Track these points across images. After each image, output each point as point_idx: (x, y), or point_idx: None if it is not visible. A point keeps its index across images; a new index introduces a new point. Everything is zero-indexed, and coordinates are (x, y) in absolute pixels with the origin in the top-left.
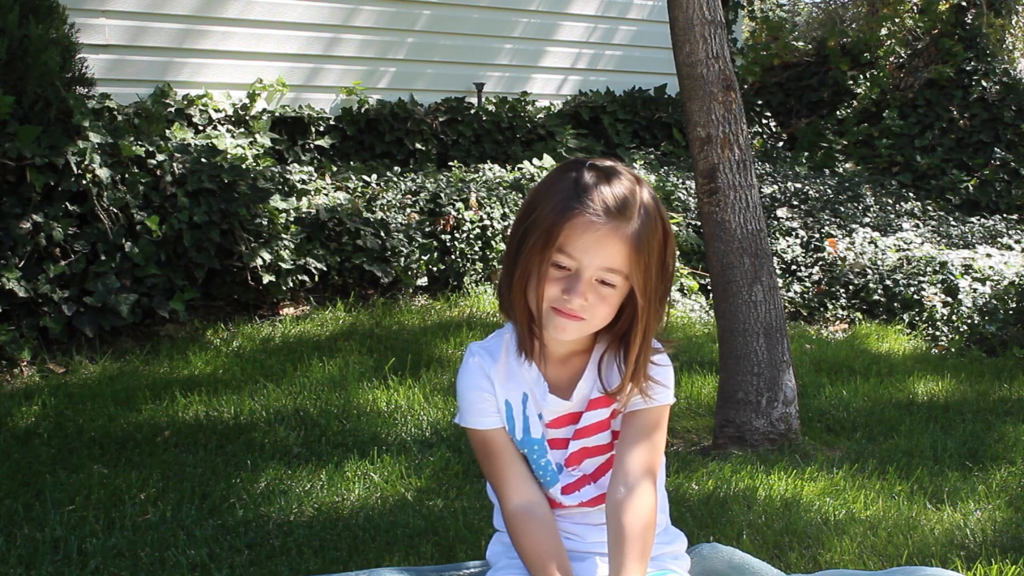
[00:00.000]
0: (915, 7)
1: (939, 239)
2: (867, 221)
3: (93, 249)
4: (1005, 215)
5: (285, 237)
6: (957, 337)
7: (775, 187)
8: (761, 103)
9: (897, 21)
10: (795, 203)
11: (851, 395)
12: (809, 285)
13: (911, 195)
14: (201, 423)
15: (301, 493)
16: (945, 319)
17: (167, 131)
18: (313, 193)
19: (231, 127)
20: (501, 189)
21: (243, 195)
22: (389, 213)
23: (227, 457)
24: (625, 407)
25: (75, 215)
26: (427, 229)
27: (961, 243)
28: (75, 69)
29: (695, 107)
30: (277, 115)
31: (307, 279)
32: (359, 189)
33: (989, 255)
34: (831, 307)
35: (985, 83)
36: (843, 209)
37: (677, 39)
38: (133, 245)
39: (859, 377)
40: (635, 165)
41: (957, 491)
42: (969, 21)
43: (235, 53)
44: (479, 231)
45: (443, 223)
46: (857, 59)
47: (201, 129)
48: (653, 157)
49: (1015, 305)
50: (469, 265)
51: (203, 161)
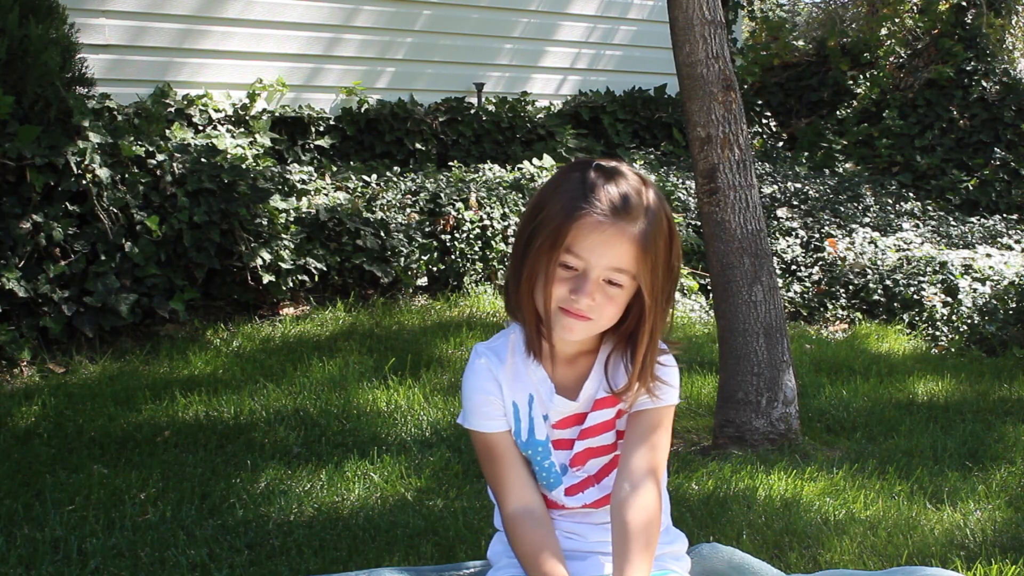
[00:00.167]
0: (915, 7)
1: (939, 239)
2: (867, 221)
3: (93, 249)
4: (1005, 215)
5: (285, 237)
6: (957, 337)
7: (775, 187)
8: (761, 103)
9: (897, 21)
10: (795, 203)
11: (851, 395)
12: (809, 285)
13: (911, 195)
14: (201, 423)
15: (301, 493)
16: (945, 319)
17: (167, 131)
18: (313, 193)
19: (231, 127)
20: (501, 189)
21: (243, 195)
22: (389, 213)
23: (227, 457)
24: (631, 407)
25: (75, 215)
26: (427, 229)
27: (961, 243)
28: (75, 69)
29: (695, 107)
30: (277, 115)
31: (307, 279)
32: (359, 189)
33: (989, 255)
34: (831, 307)
35: (985, 83)
36: (843, 209)
37: (677, 39)
38: (133, 245)
39: (859, 377)
40: (635, 165)
41: (957, 491)
42: (969, 21)
43: (235, 53)
44: (479, 231)
45: (443, 223)
46: (857, 59)
47: (201, 129)
48: (653, 157)
49: (1015, 305)
50: (469, 265)
51: (203, 161)
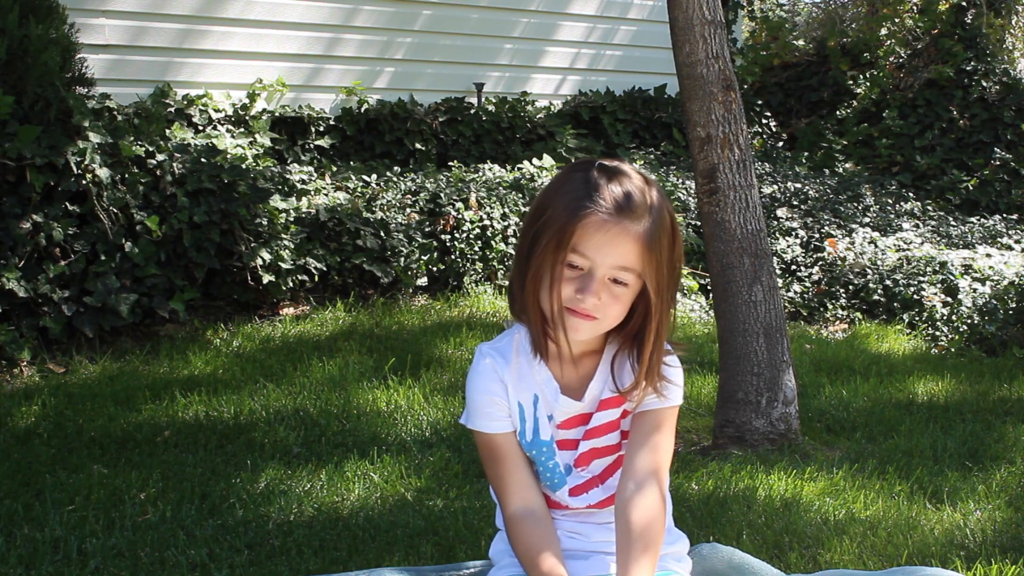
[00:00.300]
0: (915, 7)
1: (939, 239)
2: (867, 221)
3: (93, 249)
4: (1005, 215)
5: (285, 237)
6: (957, 337)
7: (775, 187)
8: (761, 103)
9: (897, 21)
10: (795, 203)
11: (851, 395)
12: (809, 285)
13: (911, 195)
14: (201, 423)
15: (301, 493)
16: (945, 319)
17: (167, 131)
18: (313, 193)
19: (231, 127)
20: (501, 189)
21: (243, 195)
22: (389, 213)
23: (227, 457)
24: (637, 407)
25: (75, 215)
26: (427, 229)
27: (961, 243)
28: (75, 69)
29: (695, 107)
30: (277, 115)
31: (307, 279)
32: (359, 189)
33: (989, 255)
34: (831, 307)
35: (985, 83)
36: (843, 209)
37: (677, 39)
38: (133, 245)
39: (859, 377)
40: (635, 165)
41: (957, 491)
42: (969, 21)
43: (235, 53)
44: (479, 231)
45: (443, 223)
46: (857, 59)
47: (201, 129)
48: (653, 157)
49: (1015, 305)
50: (469, 265)
51: (203, 161)
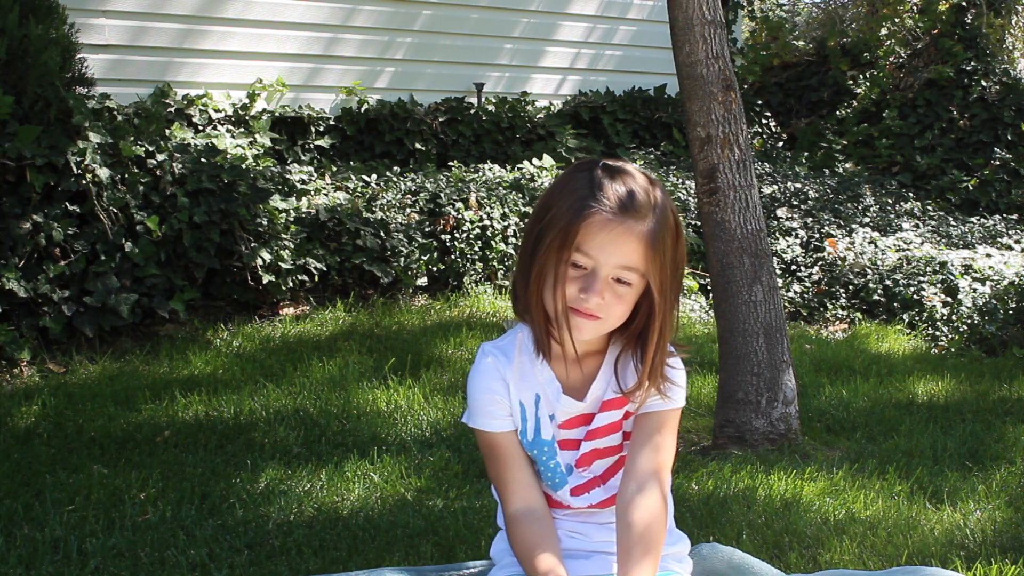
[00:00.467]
0: (915, 7)
1: (939, 239)
2: (867, 221)
3: (93, 249)
4: (1005, 215)
5: (285, 237)
6: (957, 337)
7: (775, 187)
8: (761, 103)
9: (897, 21)
10: (795, 203)
11: (851, 395)
12: (809, 285)
13: (911, 195)
14: (201, 423)
15: (301, 493)
16: (945, 319)
17: (167, 131)
18: (313, 193)
19: (231, 127)
20: (501, 189)
21: (243, 195)
22: (389, 213)
23: (227, 457)
24: (639, 408)
25: (75, 215)
26: (427, 229)
27: (961, 243)
28: (75, 69)
29: (695, 107)
30: (277, 115)
31: (307, 279)
32: (359, 189)
33: (989, 255)
34: (831, 307)
35: (985, 83)
36: (843, 209)
37: (677, 39)
38: (133, 245)
39: (859, 377)
40: (638, 165)
41: (957, 491)
42: (969, 21)
43: (235, 53)
44: (479, 231)
45: (443, 223)
46: (857, 59)
47: (201, 129)
48: (653, 157)
49: (1015, 305)
50: (469, 265)
51: (203, 161)
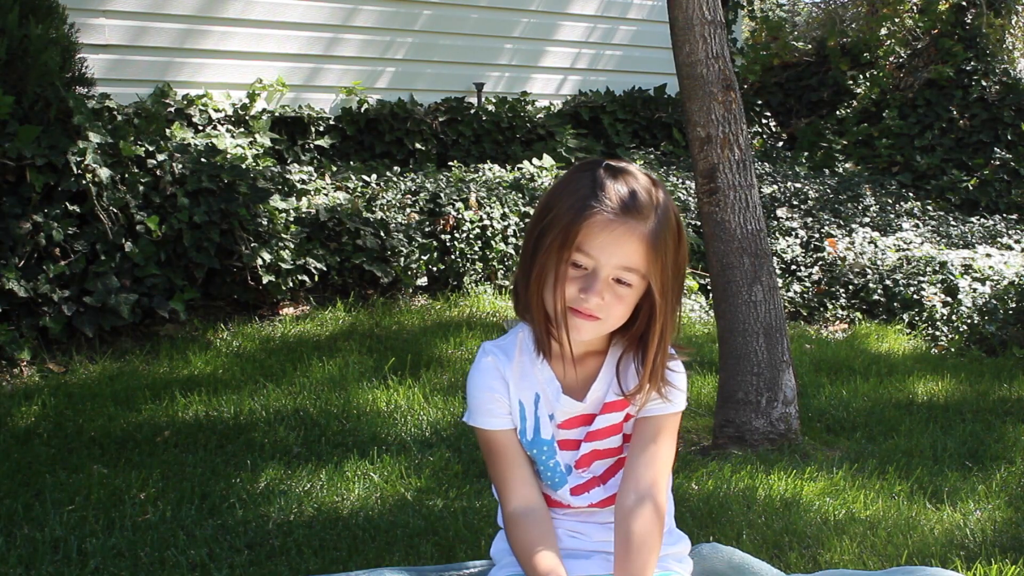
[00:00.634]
0: (915, 7)
1: (939, 239)
2: (867, 221)
3: (93, 249)
4: (1005, 215)
5: (285, 237)
6: (957, 337)
7: (775, 187)
8: (761, 103)
9: (897, 21)
10: (795, 203)
11: (851, 395)
12: (809, 285)
13: (911, 195)
14: (201, 423)
15: (301, 493)
16: (945, 319)
17: (167, 131)
18: (313, 193)
19: (231, 127)
20: (501, 189)
21: (243, 195)
22: (389, 213)
23: (227, 457)
24: (640, 411)
25: (75, 215)
26: (427, 229)
27: (961, 243)
28: (75, 69)
29: (695, 107)
30: (277, 115)
31: (307, 279)
32: (359, 189)
33: (989, 255)
34: (831, 307)
35: (985, 83)
36: (843, 209)
37: (677, 39)
38: (133, 245)
39: (859, 377)
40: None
41: (957, 491)
42: (969, 21)
43: (235, 53)
44: (479, 231)
45: (443, 223)
46: (857, 59)
47: (201, 129)
48: (653, 157)
49: (1015, 305)
50: (469, 265)
51: (203, 161)
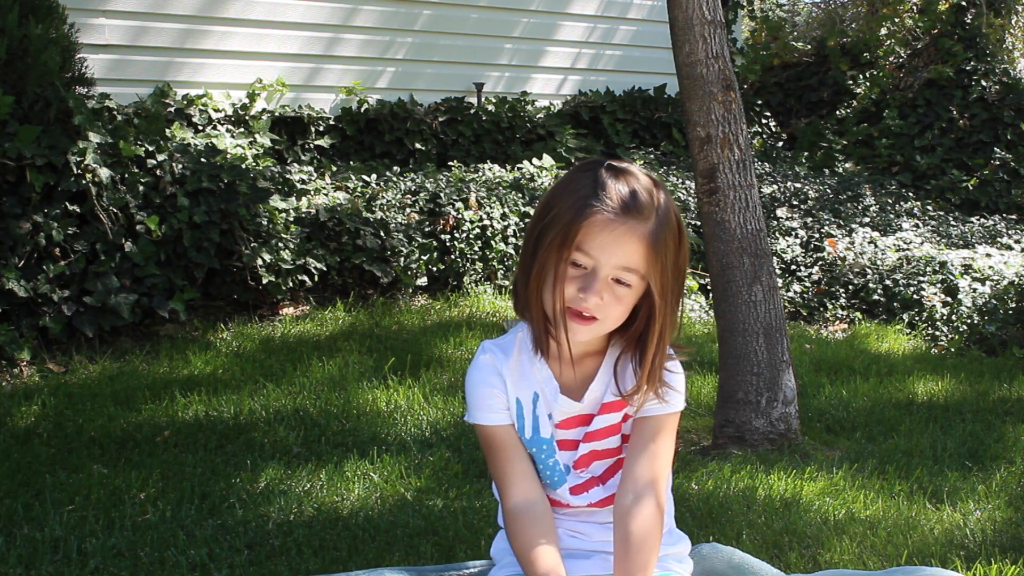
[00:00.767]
0: (915, 7)
1: (939, 239)
2: (867, 221)
3: (93, 249)
4: (1005, 215)
5: (285, 237)
6: (957, 337)
7: (775, 187)
8: (761, 103)
9: (897, 21)
10: (795, 203)
11: (851, 395)
12: (809, 285)
13: (911, 195)
14: (201, 423)
15: (301, 493)
16: (945, 319)
17: (167, 131)
18: (313, 193)
19: (231, 127)
20: (501, 189)
21: (243, 195)
22: (389, 213)
23: (227, 457)
24: (637, 411)
25: (75, 215)
26: (427, 229)
27: (961, 243)
28: (75, 69)
29: (695, 107)
30: (277, 115)
31: (307, 279)
32: (359, 189)
33: (989, 255)
34: (831, 307)
35: (985, 83)
36: (843, 209)
37: (677, 39)
38: (133, 245)
39: (859, 377)
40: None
41: (957, 491)
42: (969, 21)
43: (235, 53)
44: (479, 231)
45: (443, 223)
46: (857, 59)
47: (201, 129)
48: (653, 157)
49: (1015, 305)
50: (469, 265)
51: (203, 161)
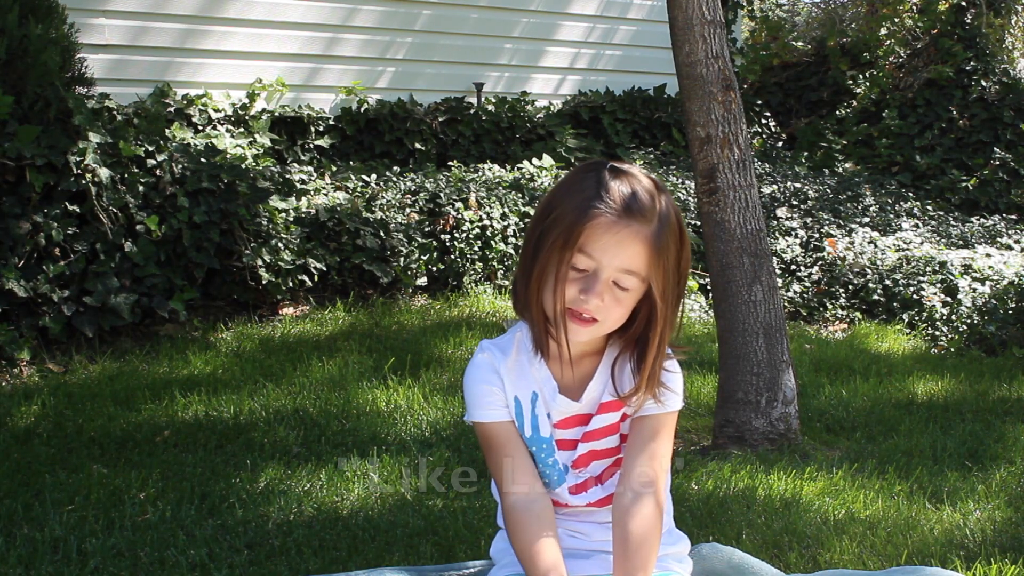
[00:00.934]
0: (915, 7)
1: (939, 239)
2: (867, 221)
3: (93, 249)
4: (1005, 215)
5: (285, 237)
6: (957, 337)
7: (775, 187)
8: (761, 103)
9: (897, 21)
10: (795, 203)
11: (851, 395)
12: (809, 285)
13: (911, 195)
14: (201, 423)
15: (301, 493)
16: (945, 319)
17: (167, 131)
18: (313, 193)
19: (231, 127)
20: (500, 189)
21: (243, 195)
22: (389, 213)
23: (227, 457)
24: (636, 411)
25: (75, 215)
26: (427, 229)
27: (961, 243)
28: (75, 69)
29: (695, 107)
30: (277, 115)
31: (307, 279)
32: (359, 189)
33: (989, 255)
34: (831, 307)
35: (985, 83)
36: (843, 209)
37: (677, 39)
38: (133, 245)
39: (859, 377)
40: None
41: (957, 491)
42: (969, 21)
43: (235, 53)
44: (478, 231)
45: (443, 223)
46: (857, 59)
47: (201, 129)
48: (653, 157)
49: (1015, 305)
50: (468, 265)
51: (203, 161)
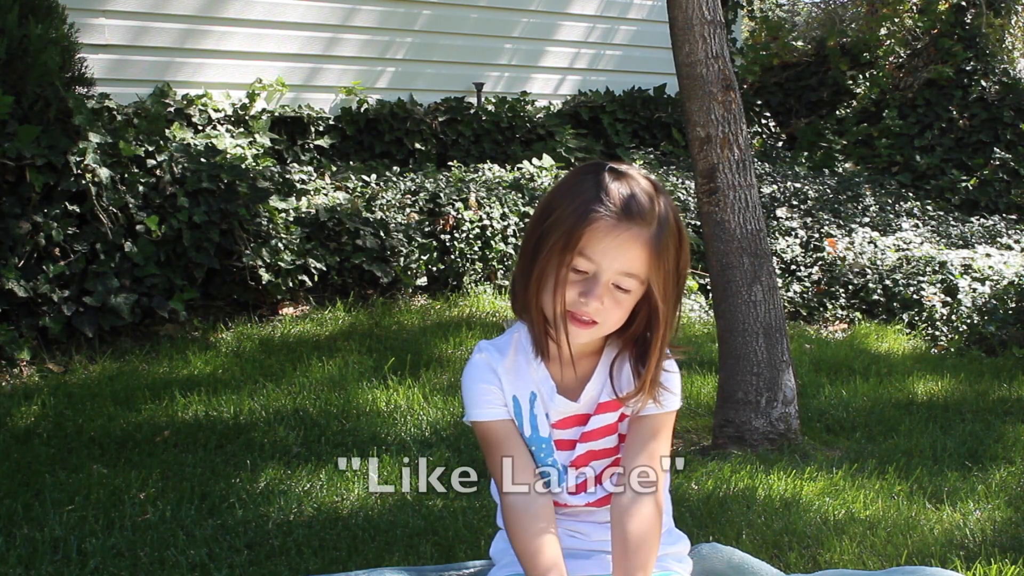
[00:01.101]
0: (915, 7)
1: (939, 239)
2: (867, 221)
3: (93, 249)
4: (1005, 215)
5: (285, 237)
6: (957, 337)
7: (775, 187)
8: (761, 103)
9: (897, 21)
10: (795, 203)
11: (851, 395)
12: (809, 285)
13: (911, 195)
14: (201, 423)
15: (301, 493)
16: (945, 319)
17: (167, 131)
18: (312, 193)
19: (231, 127)
20: (500, 189)
21: (242, 195)
22: (388, 213)
23: (227, 457)
24: (635, 412)
25: (75, 215)
26: (426, 229)
27: (960, 243)
28: (75, 69)
29: (695, 107)
30: (277, 115)
31: (307, 279)
32: (359, 189)
33: (988, 255)
34: (831, 307)
35: (985, 83)
36: (843, 209)
37: (677, 39)
38: (133, 245)
39: (859, 377)
40: (635, 165)
41: (957, 491)
42: (969, 21)
43: (235, 53)
44: (478, 231)
45: (442, 223)
46: (857, 59)
47: (201, 129)
48: (653, 157)
49: (1014, 305)
50: (468, 265)
51: (203, 161)
